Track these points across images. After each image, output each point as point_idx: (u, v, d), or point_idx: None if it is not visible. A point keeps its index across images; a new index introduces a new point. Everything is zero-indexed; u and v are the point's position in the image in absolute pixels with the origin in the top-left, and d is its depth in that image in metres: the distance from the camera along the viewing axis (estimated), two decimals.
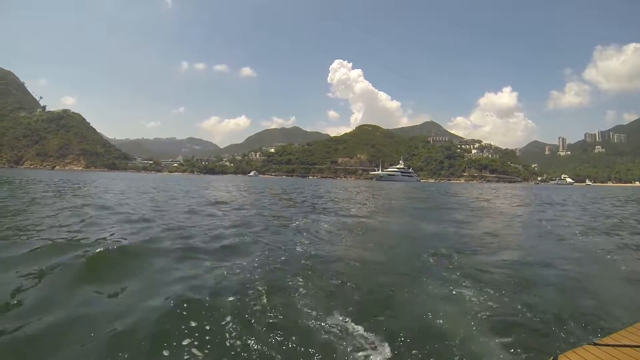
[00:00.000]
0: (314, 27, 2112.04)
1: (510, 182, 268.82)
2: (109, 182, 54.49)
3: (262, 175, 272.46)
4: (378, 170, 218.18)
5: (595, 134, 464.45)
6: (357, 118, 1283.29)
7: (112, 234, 10.48)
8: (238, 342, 4.50)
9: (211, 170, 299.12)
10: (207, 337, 4.57)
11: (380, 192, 50.82)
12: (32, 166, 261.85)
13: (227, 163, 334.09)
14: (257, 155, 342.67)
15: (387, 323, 5.05)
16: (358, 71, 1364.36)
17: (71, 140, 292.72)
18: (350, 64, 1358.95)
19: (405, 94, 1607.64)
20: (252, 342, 4.48)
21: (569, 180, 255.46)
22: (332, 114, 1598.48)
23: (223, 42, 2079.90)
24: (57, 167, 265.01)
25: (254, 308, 5.42)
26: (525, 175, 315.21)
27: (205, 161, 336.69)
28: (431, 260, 8.68)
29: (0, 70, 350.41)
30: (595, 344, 3.63)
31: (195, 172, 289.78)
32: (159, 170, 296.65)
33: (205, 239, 10.47)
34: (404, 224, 16.57)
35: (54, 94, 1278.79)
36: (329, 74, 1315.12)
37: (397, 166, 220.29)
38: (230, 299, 5.73)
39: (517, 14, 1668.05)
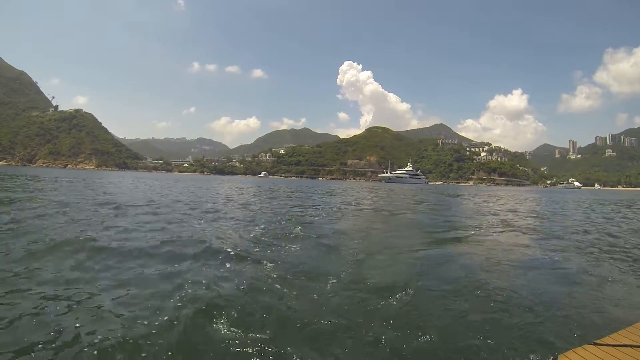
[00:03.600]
0: (324, 29, 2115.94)
1: (518, 185, 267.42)
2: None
3: (271, 177, 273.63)
4: (387, 173, 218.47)
5: (606, 137, 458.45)
6: (366, 120, 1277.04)
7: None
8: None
9: (221, 171, 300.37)
10: None
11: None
12: (44, 164, 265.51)
13: (237, 164, 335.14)
14: (267, 156, 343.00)
15: None
16: (368, 73, 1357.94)
17: (83, 139, 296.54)
18: (360, 66, 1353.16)
19: (415, 96, 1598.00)
20: None
21: (576, 184, 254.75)
22: (342, 115, 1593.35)
23: (235, 44, 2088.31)
24: (69, 166, 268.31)
25: None
26: (534, 178, 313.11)
27: (215, 162, 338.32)
28: None
29: (14, 70, 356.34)
30: (595, 344, 3.65)
31: (205, 173, 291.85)
32: (169, 170, 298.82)
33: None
34: None
35: (66, 93, 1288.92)
36: (339, 76, 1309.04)
37: (406, 168, 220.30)
38: None
39: (527, 18, 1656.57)
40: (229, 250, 9.09)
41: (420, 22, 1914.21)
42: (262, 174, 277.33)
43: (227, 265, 7.97)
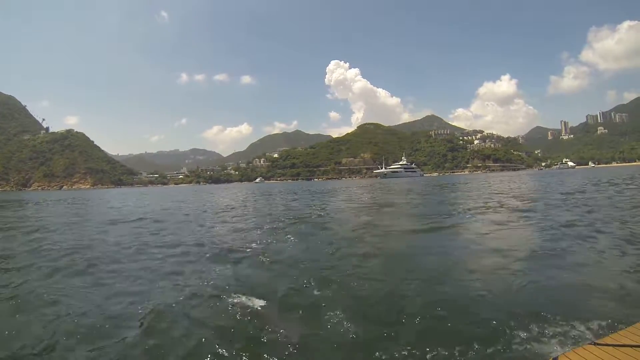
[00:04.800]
0: (308, 30, 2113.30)
1: (513, 170, 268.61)
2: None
3: (267, 181, 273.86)
4: (382, 168, 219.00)
5: (596, 116, 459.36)
6: (358, 117, 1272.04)
7: None
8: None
9: (216, 180, 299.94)
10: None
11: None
12: (40, 187, 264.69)
13: (232, 171, 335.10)
14: (261, 162, 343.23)
15: None
16: (355, 70, 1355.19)
17: (76, 159, 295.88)
18: (347, 64, 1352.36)
19: (404, 90, 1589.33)
20: None
21: (570, 164, 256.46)
22: (333, 115, 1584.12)
23: (221, 52, 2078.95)
24: (65, 187, 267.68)
25: None
26: (529, 162, 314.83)
27: (210, 171, 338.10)
28: None
29: (1, 96, 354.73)
30: (595, 344, 3.67)
31: (201, 183, 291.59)
32: (164, 183, 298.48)
33: None
34: None
35: (56, 114, 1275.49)
36: (326, 76, 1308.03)
37: (400, 162, 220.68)
38: None
39: (510, 2, 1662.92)
40: None
41: (404, 15, 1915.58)
42: (258, 180, 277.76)
43: None
